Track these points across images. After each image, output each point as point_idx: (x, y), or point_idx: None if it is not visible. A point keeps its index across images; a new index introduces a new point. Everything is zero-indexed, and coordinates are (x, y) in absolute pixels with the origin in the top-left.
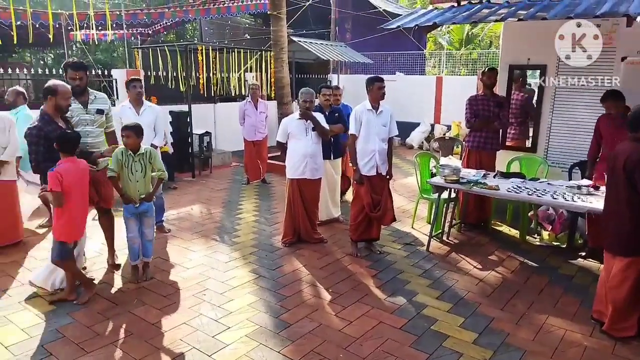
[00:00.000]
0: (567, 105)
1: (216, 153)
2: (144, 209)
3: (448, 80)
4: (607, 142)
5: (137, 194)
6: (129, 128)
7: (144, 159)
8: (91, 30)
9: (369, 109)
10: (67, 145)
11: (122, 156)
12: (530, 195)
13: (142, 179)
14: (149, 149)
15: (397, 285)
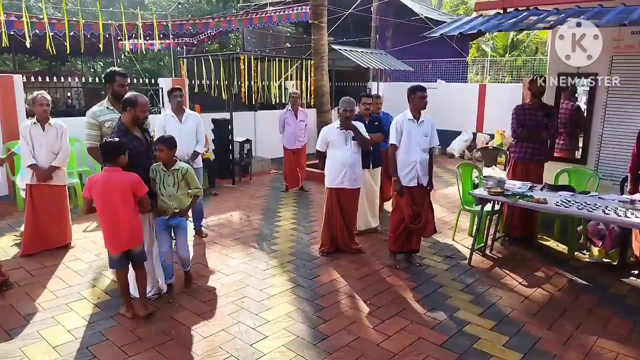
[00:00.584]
0: (620, 115)
1: (256, 160)
2: (176, 222)
3: (492, 88)
4: None
5: (170, 207)
6: (161, 141)
7: (178, 175)
8: (139, 40)
9: (410, 119)
10: (106, 154)
11: (154, 172)
12: (580, 210)
13: (174, 194)
14: (186, 166)
15: (438, 299)
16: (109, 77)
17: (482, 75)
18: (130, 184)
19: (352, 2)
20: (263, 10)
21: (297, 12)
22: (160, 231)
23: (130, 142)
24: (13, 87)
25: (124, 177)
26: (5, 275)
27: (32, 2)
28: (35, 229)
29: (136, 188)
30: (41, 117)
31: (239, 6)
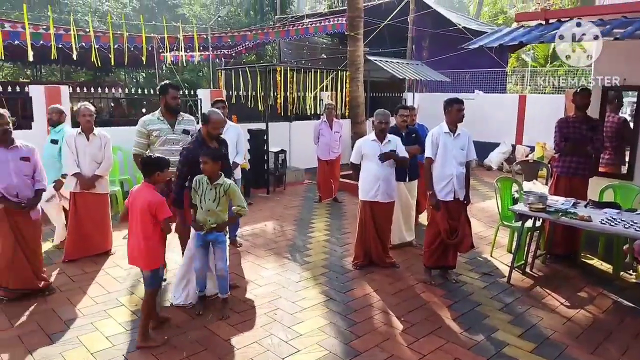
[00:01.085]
0: None
1: (290, 170)
2: (213, 237)
3: (532, 99)
4: None
5: (207, 222)
6: (206, 154)
7: (220, 190)
8: (180, 52)
9: (446, 132)
10: (144, 168)
11: (197, 184)
12: (627, 229)
13: (214, 209)
14: (229, 182)
15: (475, 318)
16: (163, 89)
17: (521, 85)
18: (150, 205)
19: (388, 13)
20: (300, 22)
21: (333, 24)
22: (197, 247)
23: (196, 154)
24: (60, 97)
25: (148, 196)
26: (48, 281)
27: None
28: (78, 236)
29: (156, 210)
30: (85, 127)
31: (276, 18)
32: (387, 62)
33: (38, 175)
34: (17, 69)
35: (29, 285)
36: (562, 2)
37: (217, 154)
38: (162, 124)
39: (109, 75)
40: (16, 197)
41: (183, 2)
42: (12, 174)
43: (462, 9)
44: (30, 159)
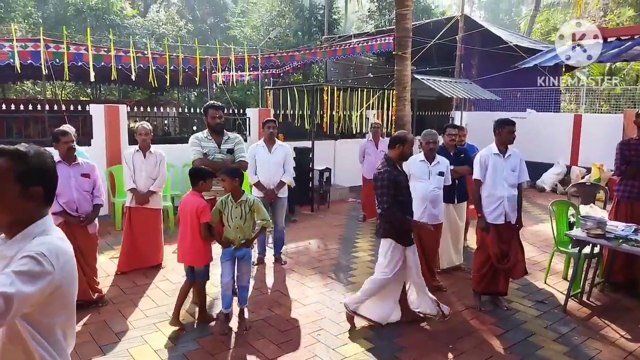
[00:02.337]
0: None
1: (334, 188)
2: (242, 253)
3: (588, 118)
4: None
5: (237, 239)
6: (223, 172)
7: (245, 207)
8: (231, 72)
9: (496, 153)
10: (191, 179)
11: (222, 204)
12: None
13: (241, 225)
14: (252, 198)
15: (528, 349)
16: (204, 110)
17: (576, 104)
18: (197, 209)
19: (437, 32)
20: (347, 42)
21: (380, 43)
22: (224, 261)
23: (396, 176)
24: (118, 115)
25: (195, 202)
26: (102, 292)
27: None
28: (131, 249)
29: (200, 213)
30: (142, 145)
31: (324, 38)
32: (435, 80)
33: (97, 191)
34: (78, 88)
35: (84, 297)
36: (619, 19)
37: (233, 172)
38: (210, 142)
39: (163, 94)
40: (76, 212)
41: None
42: (73, 190)
43: (512, 27)
44: (90, 175)
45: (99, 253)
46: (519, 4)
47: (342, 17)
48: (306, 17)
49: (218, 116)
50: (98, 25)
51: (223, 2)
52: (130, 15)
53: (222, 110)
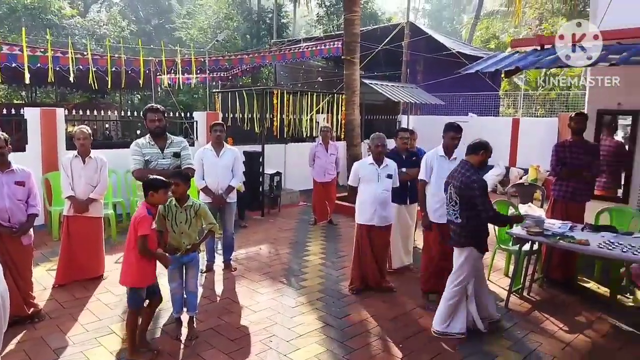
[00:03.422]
0: None
1: (285, 192)
2: (188, 258)
3: (525, 122)
4: None
5: (182, 245)
6: (176, 175)
7: (190, 212)
8: (177, 75)
9: (442, 155)
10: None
11: (165, 209)
12: (624, 253)
13: (187, 230)
14: (198, 203)
15: (474, 345)
16: (143, 113)
17: (514, 108)
18: (134, 220)
19: (384, 37)
20: (296, 46)
21: (329, 48)
22: (171, 269)
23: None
24: (55, 119)
25: (137, 212)
26: (38, 307)
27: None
28: (70, 260)
29: (138, 224)
30: (81, 150)
31: (272, 42)
32: (383, 85)
33: (32, 200)
34: (11, 91)
35: (18, 312)
36: (553, 27)
37: (187, 176)
38: (153, 148)
39: (104, 97)
40: (8, 222)
41: (180, 26)
42: (5, 198)
43: (454, 34)
44: (25, 183)
45: (35, 265)
46: (461, 13)
47: (291, 21)
48: (254, 20)
49: (157, 119)
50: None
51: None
52: (69, 15)
53: (162, 113)
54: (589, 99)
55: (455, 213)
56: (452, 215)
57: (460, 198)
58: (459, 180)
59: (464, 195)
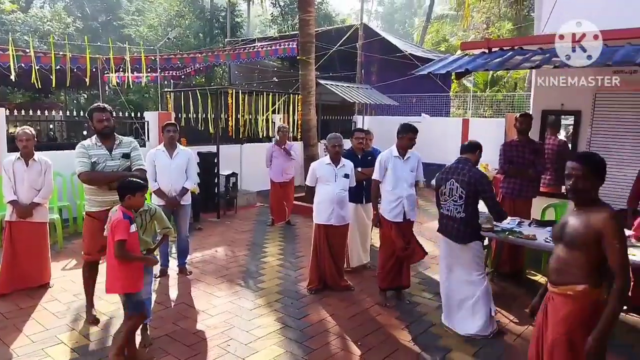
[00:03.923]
0: (603, 152)
1: (241, 193)
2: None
3: (474, 122)
4: None
5: None
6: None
7: (146, 217)
8: (126, 73)
9: (396, 156)
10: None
11: None
12: None
13: (141, 236)
14: (154, 207)
15: (430, 339)
16: (89, 114)
17: (464, 109)
18: (111, 225)
19: (338, 39)
20: (251, 46)
21: (284, 48)
22: None
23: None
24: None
25: (113, 217)
26: None
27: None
28: (13, 268)
29: (114, 229)
30: (23, 152)
31: (226, 41)
32: (338, 86)
33: None
34: None
35: None
36: (500, 31)
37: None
38: (100, 149)
39: (49, 96)
40: None
41: (129, 23)
42: None
43: (406, 37)
44: None
45: None
46: (412, 16)
47: (245, 21)
48: (207, 18)
49: (105, 118)
50: None
51: None
52: (9, 11)
53: (110, 112)
54: (534, 100)
55: (457, 208)
56: (454, 210)
57: (467, 192)
58: (465, 175)
59: (473, 190)
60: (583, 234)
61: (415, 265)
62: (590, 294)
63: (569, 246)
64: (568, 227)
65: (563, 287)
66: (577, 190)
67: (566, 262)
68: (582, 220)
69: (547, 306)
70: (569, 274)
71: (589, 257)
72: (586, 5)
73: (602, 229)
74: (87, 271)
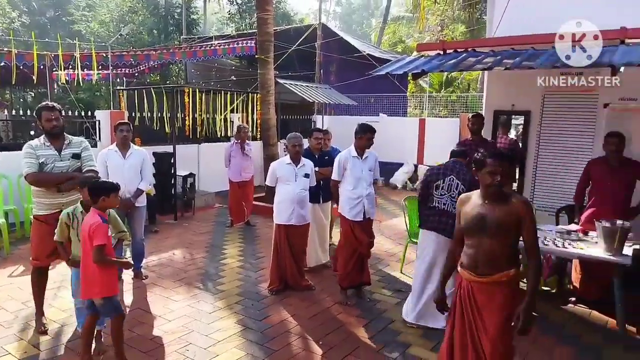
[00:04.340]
0: (552, 150)
1: (199, 194)
2: None
3: (430, 122)
4: (599, 188)
5: None
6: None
7: None
8: (76, 71)
9: (354, 156)
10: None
11: (68, 217)
12: (521, 241)
13: None
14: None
15: (389, 336)
16: (37, 113)
17: (420, 109)
18: (89, 229)
19: (297, 38)
20: (208, 44)
21: (242, 46)
22: (77, 282)
23: None
24: None
25: (89, 221)
26: None
27: None
28: None
29: (93, 233)
30: None
31: (182, 38)
32: (297, 85)
33: None
34: None
35: None
36: (454, 33)
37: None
38: (48, 149)
39: None
40: None
41: (79, 18)
42: None
43: (364, 37)
44: None
45: None
46: (370, 17)
47: (202, 18)
48: (162, 15)
49: (54, 117)
50: None
51: None
52: None
53: (59, 111)
54: (486, 101)
55: (455, 203)
56: (451, 205)
57: (468, 190)
58: (466, 174)
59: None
60: (508, 222)
61: (375, 263)
62: (516, 275)
63: (496, 236)
64: (490, 219)
65: (497, 276)
66: (500, 185)
67: (495, 251)
68: (502, 210)
69: (474, 299)
70: (500, 262)
71: (512, 242)
72: (536, 10)
73: (523, 214)
74: (36, 277)
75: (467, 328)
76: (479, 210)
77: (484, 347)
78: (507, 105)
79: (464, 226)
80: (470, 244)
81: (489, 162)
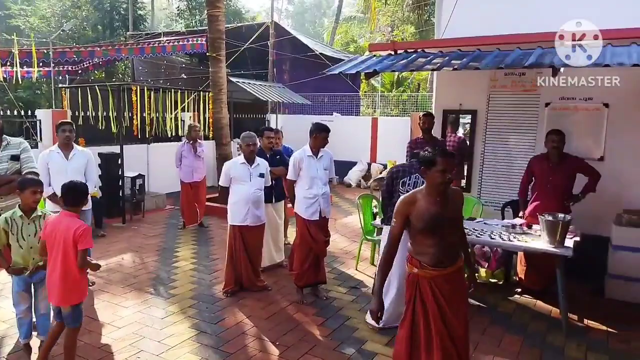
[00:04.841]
0: (497, 147)
1: (149, 196)
2: (38, 277)
3: (383, 121)
4: (541, 183)
5: (31, 261)
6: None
7: (40, 223)
8: (14, 68)
9: (309, 155)
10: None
11: (6, 223)
12: (469, 235)
13: (36, 244)
14: (48, 212)
15: (345, 333)
16: None
17: (372, 108)
18: (74, 233)
19: (249, 36)
20: (156, 40)
21: (192, 43)
22: (19, 291)
23: None
24: None
25: (71, 224)
26: None
27: None
28: None
29: (79, 237)
30: None
31: (128, 34)
32: (250, 84)
33: None
34: None
35: None
36: (404, 34)
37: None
38: None
39: None
40: None
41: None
42: None
43: (317, 37)
44: None
45: None
46: (322, 16)
47: (149, 14)
48: (107, 10)
49: None
50: None
51: None
52: None
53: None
54: (436, 100)
55: None
56: None
57: None
58: None
59: None
60: (459, 213)
61: (330, 261)
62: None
63: (453, 228)
64: (446, 215)
65: (459, 261)
66: (450, 182)
67: (454, 242)
68: (451, 203)
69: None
70: (458, 250)
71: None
72: (482, 12)
73: (462, 203)
74: None
75: (432, 325)
76: (435, 209)
77: (455, 333)
78: (455, 105)
79: (423, 227)
80: (430, 242)
81: (440, 161)
